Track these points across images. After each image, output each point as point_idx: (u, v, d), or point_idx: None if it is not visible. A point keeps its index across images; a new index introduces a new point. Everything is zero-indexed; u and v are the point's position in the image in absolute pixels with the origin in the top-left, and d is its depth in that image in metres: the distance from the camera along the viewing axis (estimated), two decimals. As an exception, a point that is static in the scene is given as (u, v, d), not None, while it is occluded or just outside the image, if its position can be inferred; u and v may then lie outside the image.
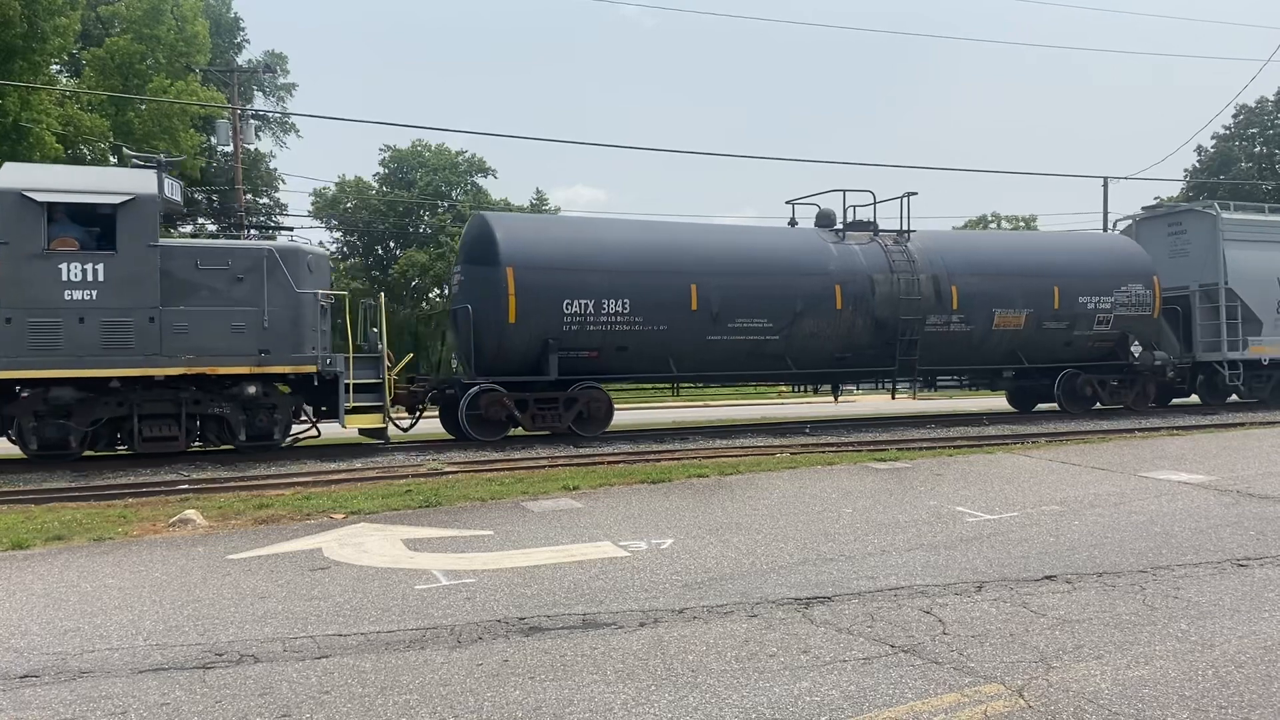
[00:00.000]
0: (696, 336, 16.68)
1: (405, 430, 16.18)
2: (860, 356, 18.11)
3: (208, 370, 13.50)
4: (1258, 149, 55.32)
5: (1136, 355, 19.84)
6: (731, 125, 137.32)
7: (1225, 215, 21.45)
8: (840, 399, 20.67)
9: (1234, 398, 21.74)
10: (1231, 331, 21.04)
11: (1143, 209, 23.85)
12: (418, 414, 16.28)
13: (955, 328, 18.58)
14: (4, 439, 13.74)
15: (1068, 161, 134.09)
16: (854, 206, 19.17)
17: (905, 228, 18.94)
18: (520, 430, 15.98)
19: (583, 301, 15.92)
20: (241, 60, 43.90)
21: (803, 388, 20.21)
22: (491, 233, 16.11)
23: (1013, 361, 19.62)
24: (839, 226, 18.72)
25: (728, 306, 16.80)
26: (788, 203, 19.96)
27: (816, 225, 18.87)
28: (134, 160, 14.79)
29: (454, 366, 18.12)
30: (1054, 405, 20.26)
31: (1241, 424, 17.59)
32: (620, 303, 16.12)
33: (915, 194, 19.03)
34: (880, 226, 19.04)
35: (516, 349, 15.82)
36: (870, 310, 17.85)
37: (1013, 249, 20.59)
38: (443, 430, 17.02)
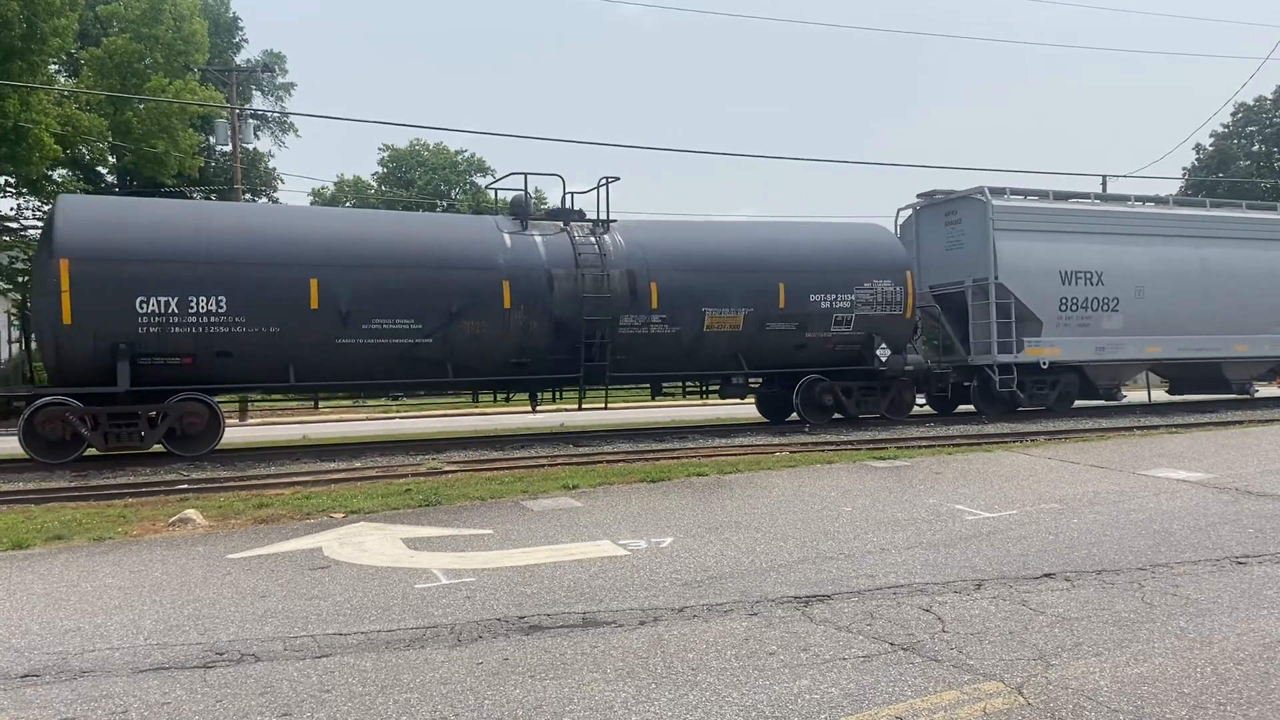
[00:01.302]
0: (322, 339, 14.47)
1: None
2: (541, 362, 16.08)
3: None
4: (1256, 147, 55.40)
5: (884, 360, 17.80)
6: (733, 124, 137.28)
7: (996, 202, 19.21)
8: (538, 409, 17.99)
9: (1028, 406, 19.67)
10: (1004, 332, 18.87)
11: (918, 196, 21.36)
12: None
13: (657, 329, 16.50)
14: None
15: (1067, 160, 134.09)
16: (571, 193, 17.02)
17: (603, 217, 16.82)
18: (94, 450, 13.71)
19: (163, 299, 13.56)
20: (240, 60, 43.94)
21: (489, 395, 17.60)
22: (52, 218, 13.79)
23: (736, 367, 17.41)
24: (539, 216, 16.87)
25: (361, 305, 14.59)
26: (487, 188, 17.88)
27: (511, 213, 16.84)
28: None
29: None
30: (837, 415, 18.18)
31: (1240, 422, 17.61)
32: (213, 300, 13.78)
33: (617, 179, 17.12)
34: (605, 218, 16.87)
35: (79, 355, 13.47)
36: (548, 310, 15.87)
37: (730, 243, 17.95)
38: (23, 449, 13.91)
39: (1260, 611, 5.51)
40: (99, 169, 39.03)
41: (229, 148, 36.25)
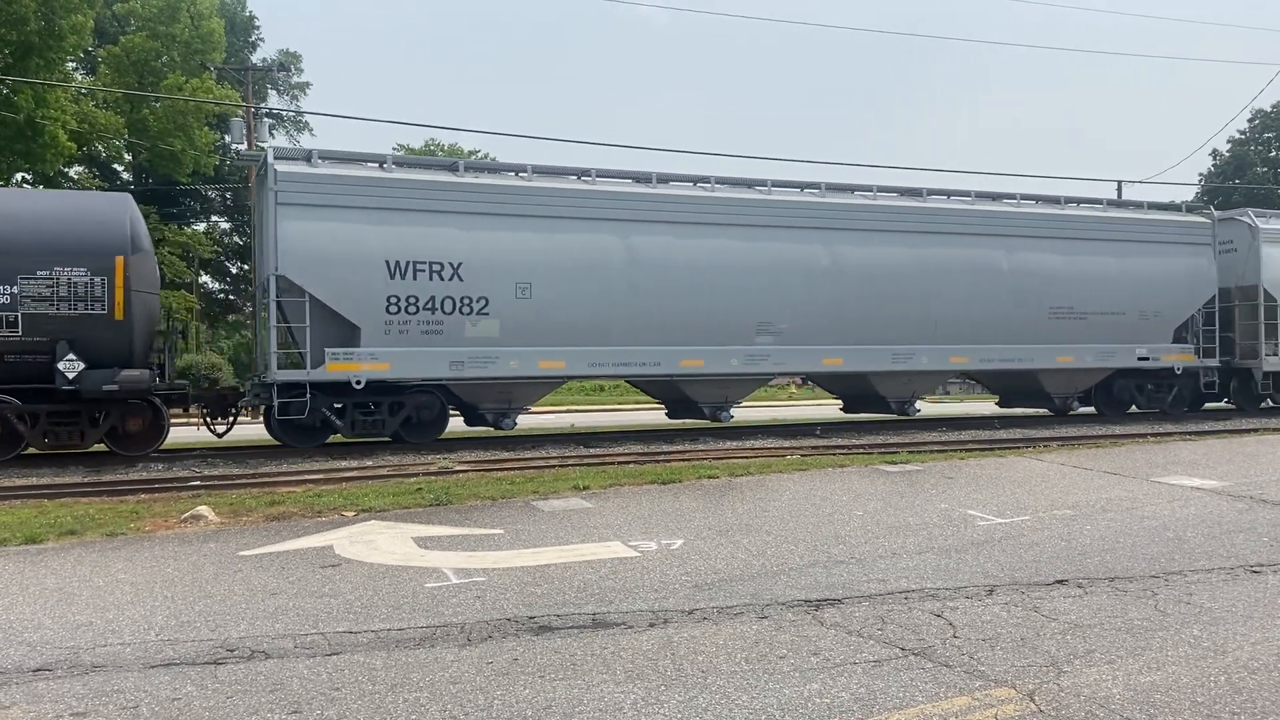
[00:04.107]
0: None
1: None
2: None
3: None
4: (1273, 153, 55.05)
5: (71, 375, 13.27)
6: (745, 125, 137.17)
7: (283, 167, 14.59)
8: None
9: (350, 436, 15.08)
10: (291, 339, 14.53)
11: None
12: None
13: None
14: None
15: (1082, 165, 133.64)
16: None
17: None
18: None
19: None
20: (256, 59, 44.13)
21: None
22: None
23: None
24: None
25: None
26: None
27: None
28: None
29: None
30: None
31: (1255, 430, 17.49)
32: None
33: None
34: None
35: None
36: None
37: None
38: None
39: (1275, 620, 5.47)
40: (115, 166, 39.27)
41: (244, 146, 36.40)
